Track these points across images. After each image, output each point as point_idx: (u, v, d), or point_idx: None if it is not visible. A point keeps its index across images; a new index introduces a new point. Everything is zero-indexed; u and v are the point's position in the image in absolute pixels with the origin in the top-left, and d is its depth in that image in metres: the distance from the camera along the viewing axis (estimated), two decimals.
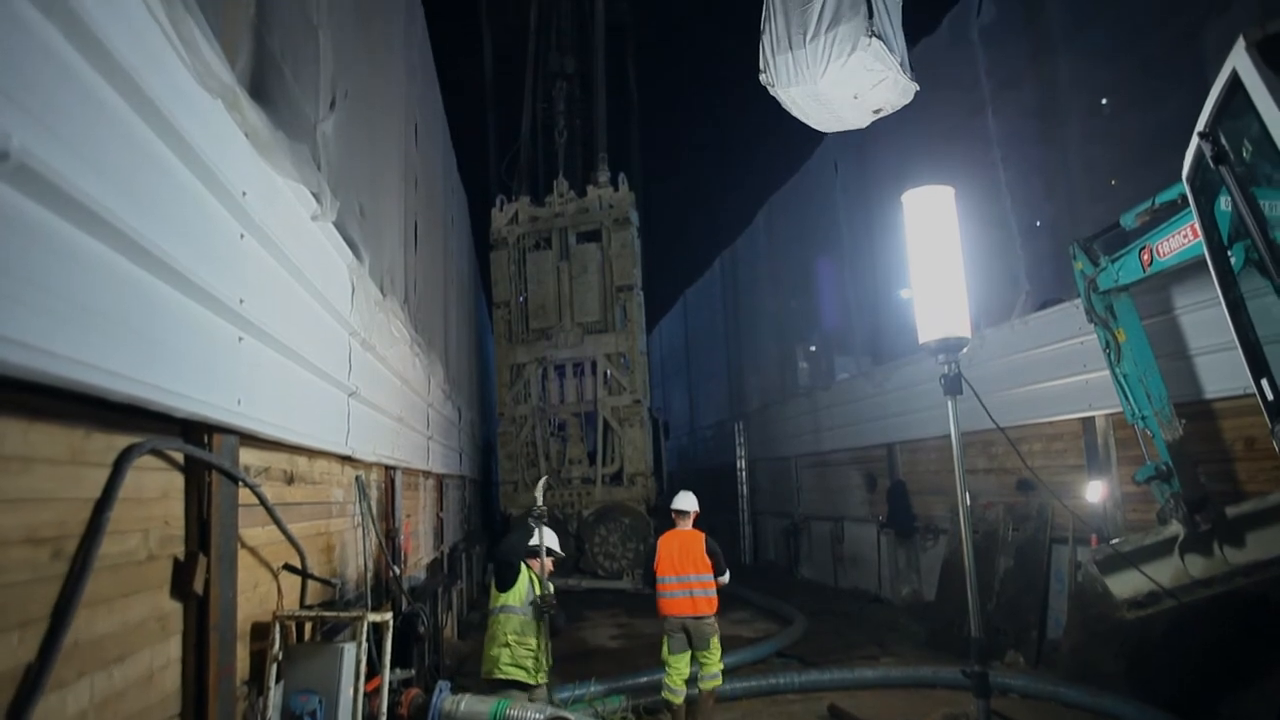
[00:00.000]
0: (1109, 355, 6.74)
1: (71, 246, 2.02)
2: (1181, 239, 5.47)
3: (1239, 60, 3.98)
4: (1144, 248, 5.98)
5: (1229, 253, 4.70)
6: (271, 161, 3.60)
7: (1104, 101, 9.68)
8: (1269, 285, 4.28)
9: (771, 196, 19.95)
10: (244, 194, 3.27)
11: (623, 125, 23.03)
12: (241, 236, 3.30)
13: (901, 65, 5.84)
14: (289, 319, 4.02)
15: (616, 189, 18.87)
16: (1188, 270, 6.03)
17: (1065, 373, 9.14)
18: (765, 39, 6.13)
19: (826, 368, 17.83)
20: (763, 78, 6.18)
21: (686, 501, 7.65)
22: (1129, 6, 9.14)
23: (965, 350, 5.63)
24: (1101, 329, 6.75)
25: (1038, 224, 10.52)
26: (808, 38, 5.79)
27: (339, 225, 5.02)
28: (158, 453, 2.83)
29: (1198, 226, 4.94)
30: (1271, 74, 3.78)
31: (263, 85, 3.69)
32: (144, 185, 2.39)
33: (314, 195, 4.29)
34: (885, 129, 7.70)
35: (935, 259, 5.62)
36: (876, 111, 6.21)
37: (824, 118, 6.33)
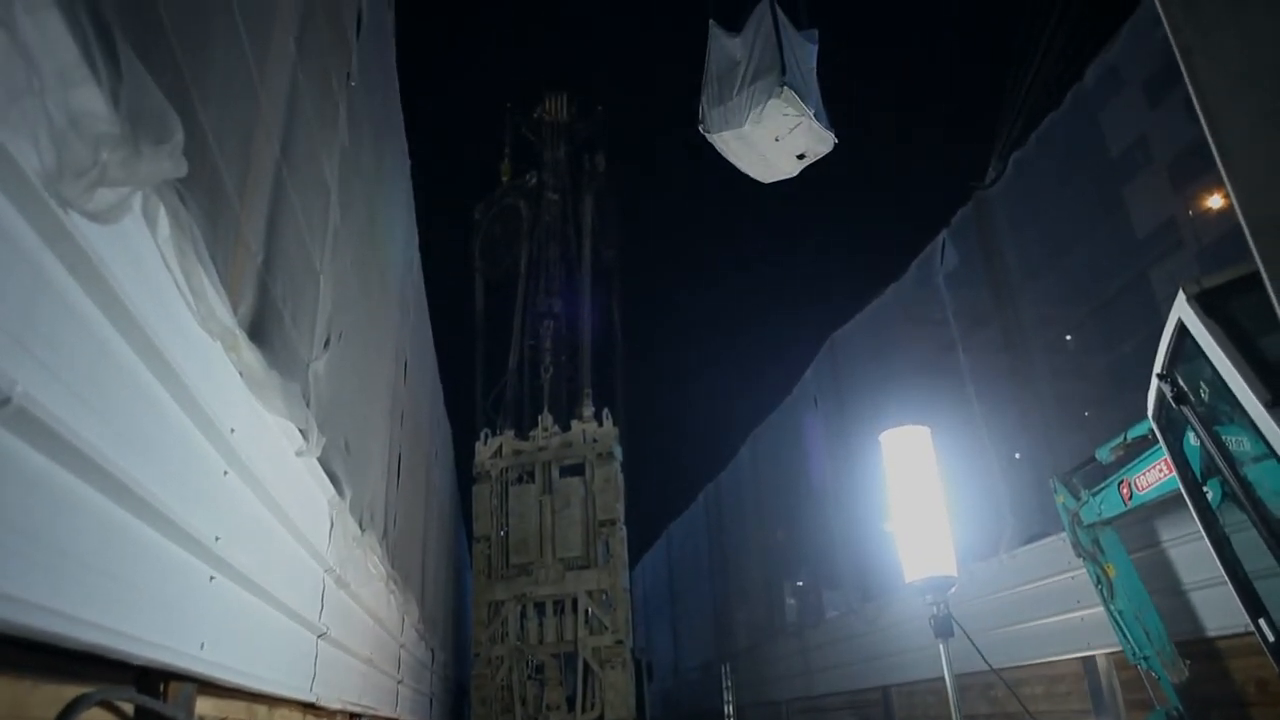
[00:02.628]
0: (1101, 591, 6.61)
1: (61, 491, 2.01)
2: (1158, 473, 5.55)
3: (1182, 311, 4.27)
4: (1123, 481, 6.05)
5: (1205, 488, 4.76)
6: (263, 399, 3.67)
7: (1068, 338, 10.19)
8: (1249, 519, 4.30)
9: (755, 430, 20.29)
10: (232, 430, 3.30)
11: (608, 362, 23.80)
12: (225, 473, 3.29)
13: (816, 115, 7.15)
14: (264, 556, 3.92)
15: (601, 424, 19.17)
16: (1170, 503, 6.06)
17: (1059, 609, 8.88)
18: (704, 95, 7.59)
19: (816, 604, 17.28)
20: (701, 127, 7.63)
21: None
22: (1079, 257, 9.86)
23: (954, 589, 5.51)
24: (1090, 563, 6.67)
25: (1017, 456, 10.68)
26: (734, 91, 7.23)
27: (323, 460, 5.03)
28: (107, 704, 2.65)
29: (1170, 463, 5.04)
30: (1214, 325, 4.04)
31: (262, 327, 3.84)
32: (138, 427, 2.43)
33: (301, 432, 4.33)
34: (862, 364, 8.04)
35: (916, 497, 5.66)
36: (800, 158, 7.60)
37: (755, 162, 7.68)
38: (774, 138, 7.26)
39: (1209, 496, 4.72)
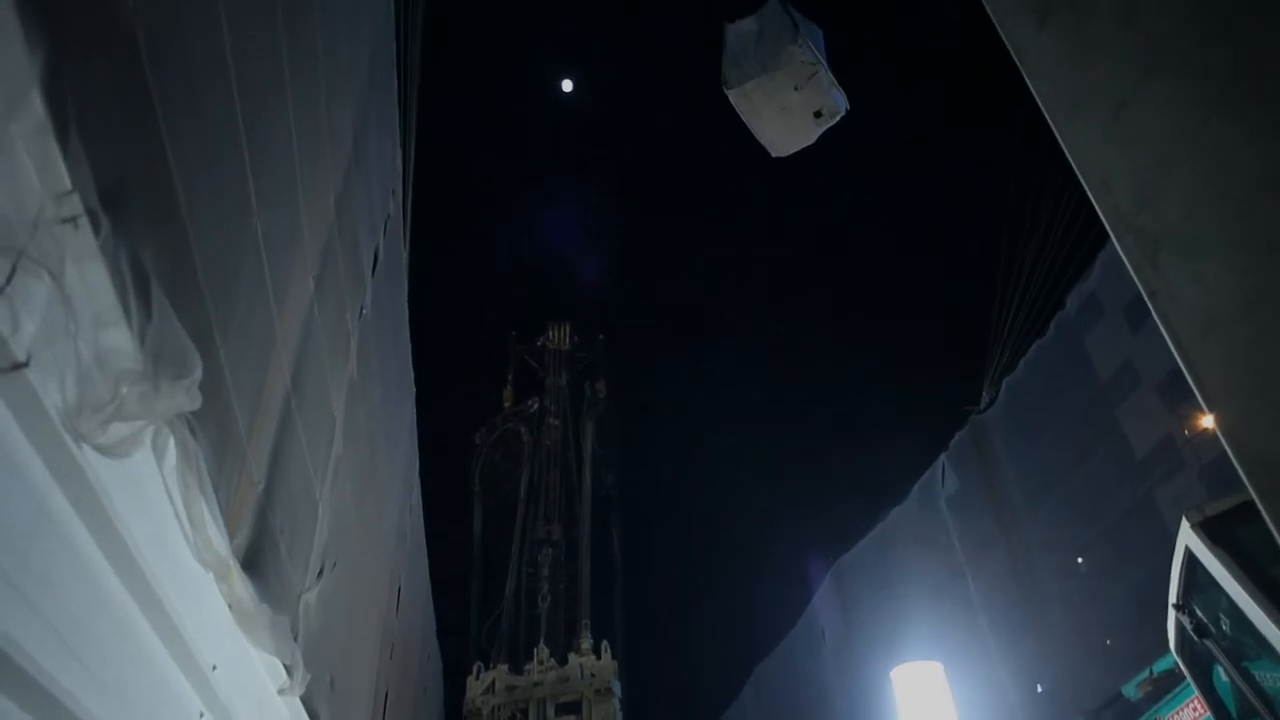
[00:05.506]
0: None
1: None
2: (1192, 713, 5.23)
3: (1189, 539, 4.20)
4: None
5: None
6: (249, 634, 3.54)
7: (1079, 560, 9.96)
8: None
9: (757, 668, 19.36)
10: (214, 668, 3.16)
11: (607, 590, 23.12)
12: (201, 715, 3.12)
13: (828, 68, 7.89)
14: None
15: (599, 657, 18.29)
16: None
17: None
18: (724, 64, 8.18)
19: None
20: (725, 88, 8.14)
21: None
22: (1080, 479, 9.87)
23: None
24: None
25: (1039, 689, 10.10)
26: (754, 49, 8.00)
27: (306, 699, 4.76)
28: None
29: (1203, 700, 4.76)
30: (1223, 553, 3.96)
31: (256, 557, 3.77)
32: (118, 671, 2.33)
33: (286, 668, 4.14)
34: (869, 593, 7.81)
35: None
36: (818, 116, 8.11)
37: (775, 121, 8.20)
38: (793, 85, 7.91)
39: None
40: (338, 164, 4.78)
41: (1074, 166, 2.40)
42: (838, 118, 8.42)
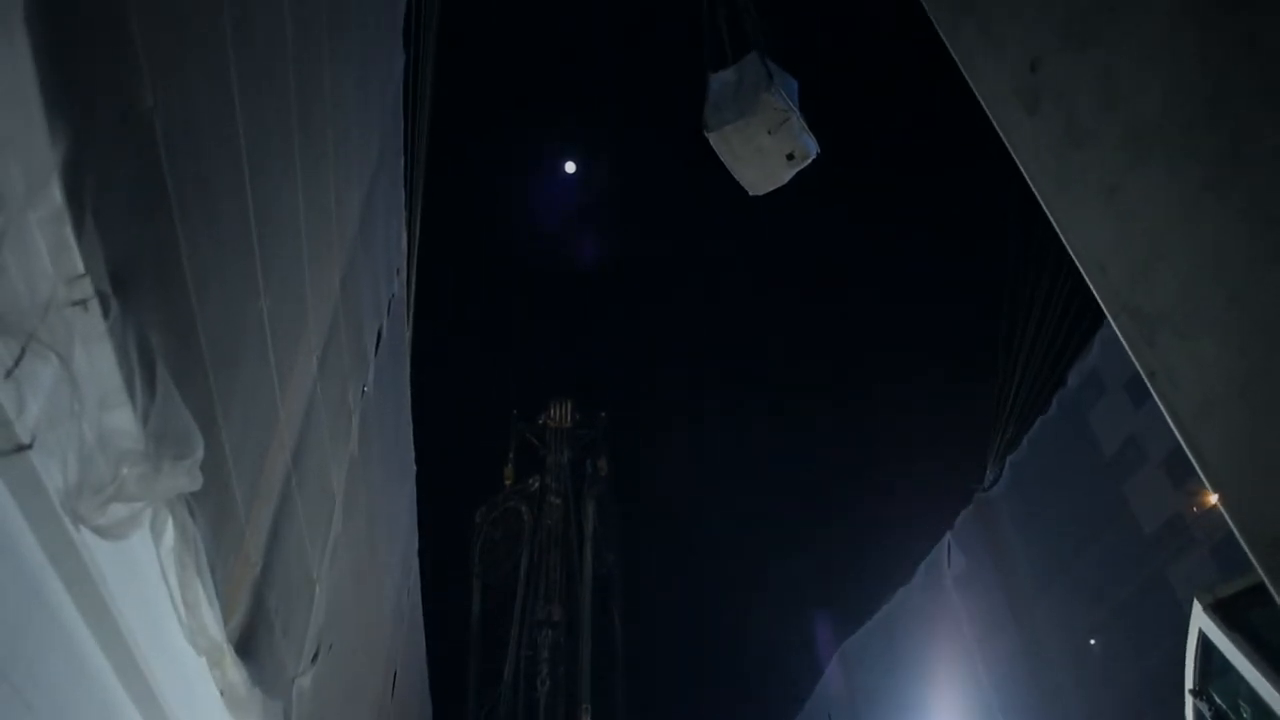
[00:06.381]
0: None
1: None
2: None
3: (1202, 622, 4.10)
4: None
5: None
6: None
7: (1092, 642, 9.73)
8: None
9: None
10: None
11: (607, 674, 22.55)
12: None
13: (800, 115, 8.51)
14: None
15: None
16: None
17: None
18: (705, 110, 8.88)
19: None
20: (705, 131, 8.79)
21: None
22: (1089, 557, 9.71)
23: None
24: None
25: None
26: (732, 96, 8.74)
27: None
28: None
29: None
30: (1238, 637, 3.86)
31: (251, 640, 3.70)
32: None
33: None
34: (876, 676, 7.60)
35: None
36: (790, 159, 8.71)
37: (751, 162, 8.82)
38: (767, 130, 8.57)
39: None
40: (344, 246, 4.86)
41: (1068, 248, 2.44)
42: (809, 160, 9.04)
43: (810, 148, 8.96)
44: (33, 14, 1.58)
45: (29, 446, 1.72)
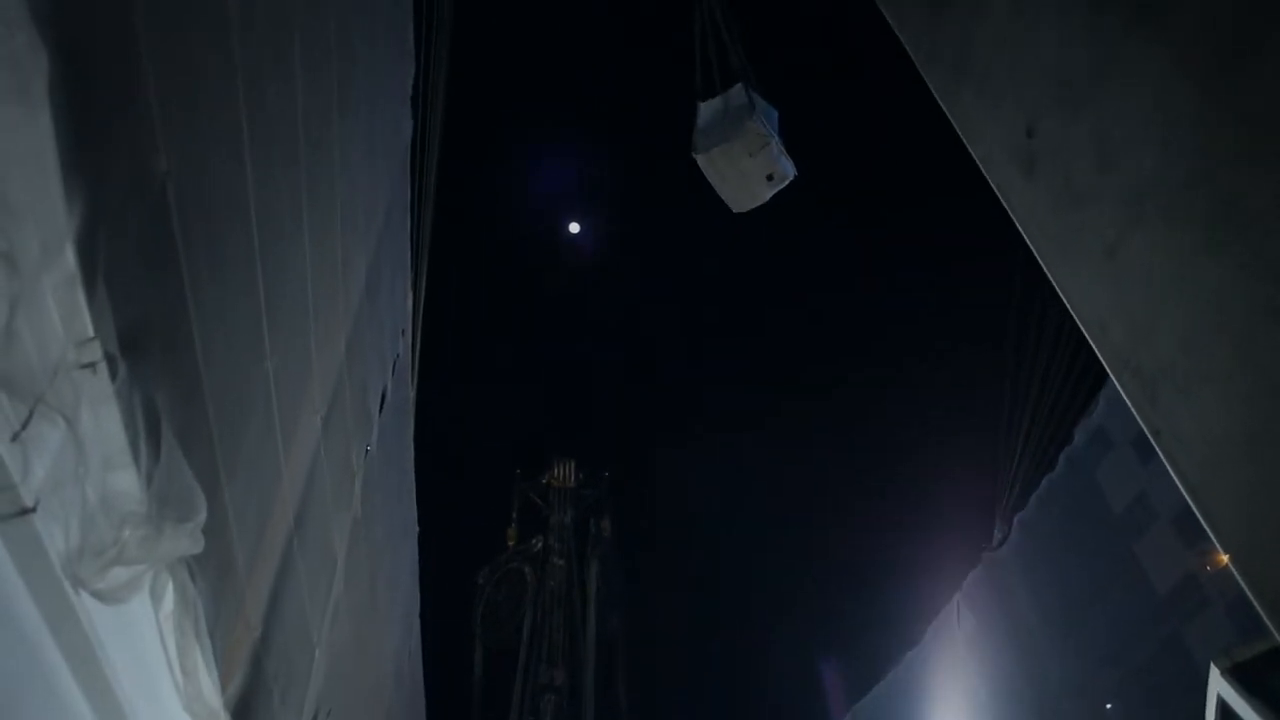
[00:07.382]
0: None
1: None
2: None
3: (1220, 687, 4.02)
4: None
5: None
6: None
7: (1109, 706, 9.52)
8: None
9: None
10: None
11: None
12: None
13: (779, 140, 9.35)
14: None
15: None
16: None
17: None
18: (694, 134, 9.68)
19: None
20: (693, 153, 9.55)
21: None
22: (1102, 618, 9.54)
23: None
24: None
25: None
26: (718, 121, 9.55)
27: None
28: None
29: None
30: (1258, 702, 3.78)
31: (249, 706, 3.63)
32: None
33: None
34: None
35: None
36: (770, 179, 9.46)
37: (734, 182, 9.56)
38: (749, 153, 9.33)
39: None
40: (350, 307, 4.90)
41: (1069, 308, 2.45)
42: (787, 181, 9.84)
43: (788, 170, 9.77)
44: (55, 84, 1.63)
45: (33, 510, 1.71)
